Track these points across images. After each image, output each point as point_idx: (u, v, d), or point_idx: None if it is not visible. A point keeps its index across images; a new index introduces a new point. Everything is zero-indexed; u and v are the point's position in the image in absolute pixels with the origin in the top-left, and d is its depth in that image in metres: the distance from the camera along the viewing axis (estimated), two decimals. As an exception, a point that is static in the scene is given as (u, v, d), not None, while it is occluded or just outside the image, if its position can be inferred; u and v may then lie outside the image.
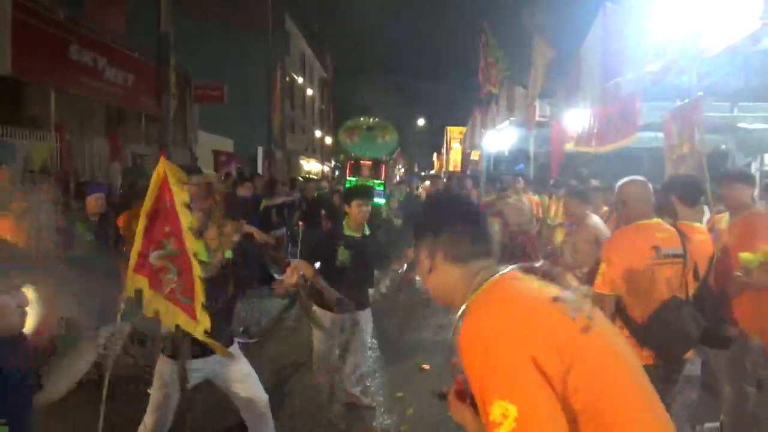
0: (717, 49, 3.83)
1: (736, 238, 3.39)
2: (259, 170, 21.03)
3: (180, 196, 2.52)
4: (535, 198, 8.17)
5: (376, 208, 7.81)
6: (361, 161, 9.83)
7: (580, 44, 6.71)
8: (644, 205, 3.00)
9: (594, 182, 7.55)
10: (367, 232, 4.49)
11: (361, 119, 10.96)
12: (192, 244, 2.48)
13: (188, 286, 2.49)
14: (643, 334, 2.78)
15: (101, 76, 10.86)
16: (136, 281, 2.69)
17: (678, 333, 2.72)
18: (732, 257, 3.30)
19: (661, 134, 4.95)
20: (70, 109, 10.54)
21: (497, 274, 1.32)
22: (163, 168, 2.63)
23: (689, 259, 2.91)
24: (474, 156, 17.75)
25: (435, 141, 38.09)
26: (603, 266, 2.94)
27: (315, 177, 30.40)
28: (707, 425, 3.69)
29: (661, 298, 2.80)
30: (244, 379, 3.24)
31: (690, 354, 2.93)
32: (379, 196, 8.56)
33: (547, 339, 1.14)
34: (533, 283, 1.33)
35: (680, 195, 3.34)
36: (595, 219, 4.85)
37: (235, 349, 3.32)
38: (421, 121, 58.97)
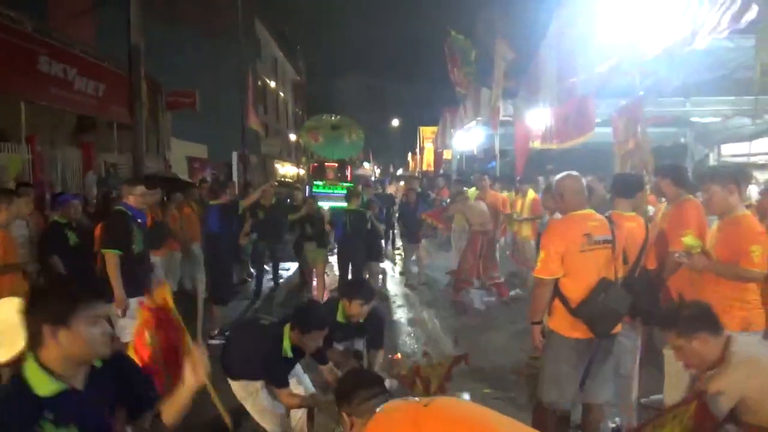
0: (655, 51, 4.15)
1: (669, 223, 3.71)
2: (234, 175, 21.08)
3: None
4: (502, 195, 8.45)
5: (361, 215, 7.74)
6: (326, 163, 9.26)
7: (539, 46, 7.03)
8: (578, 197, 3.27)
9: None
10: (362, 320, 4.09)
11: (324, 117, 9.97)
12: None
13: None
14: (577, 311, 3.11)
15: (72, 86, 10.86)
16: None
17: (607, 310, 3.06)
18: (667, 241, 3.63)
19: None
20: (41, 119, 10.53)
21: None
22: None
23: (618, 245, 3.23)
24: (446, 155, 18.11)
25: (409, 141, 38.37)
26: (542, 254, 3.24)
27: (290, 180, 30.46)
28: (652, 397, 4.00)
29: (592, 280, 3.11)
30: None
31: (619, 327, 3.24)
32: (344, 199, 8.39)
33: None
34: None
35: (617, 189, 3.71)
36: None
37: None
38: (395, 122, 59.35)
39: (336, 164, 8.87)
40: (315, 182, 8.79)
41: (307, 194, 9.04)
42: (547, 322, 3.32)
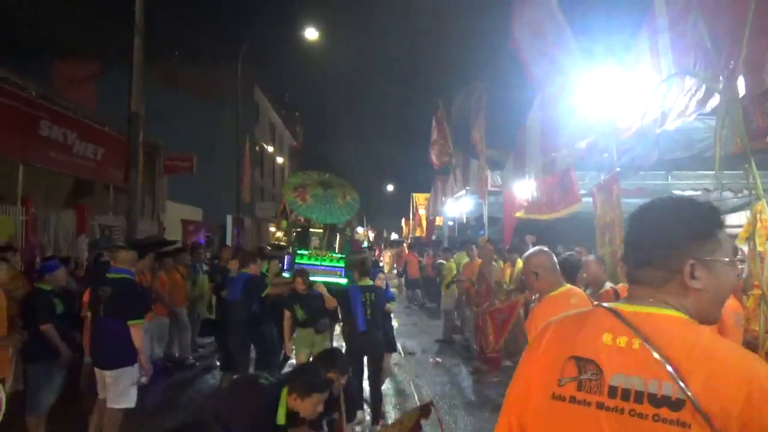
0: (630, 131, 4.35)
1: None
2: (228, 238, 21.14)
3: None
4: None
5: (380, 293, 6.34)
6: (310, 228, 7.50)
7: (525, 119, 7.32)
8: (554, 274, 3.19)
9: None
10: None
11: (313, 173, 7.60)
12: None
13: None
14: None
15: (71, 150, 11.08)
16: None
17: None
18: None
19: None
20: (37, 181, 10.68)
21: None
22: None
23: None
24: (438, 222, 18.32)
25: (403, 206, 38.78)
26: (529, 338, 3.11)
27: (284, 244, 30.45)
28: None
29: None
30: None
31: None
32: (337, 274, 7.14)
33: None
34: None
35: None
36: None
37: None
38: (389, 187, 60.23)
39: (323, 230, 6.91)
40: (298, 251, 7.01)
41: (286, 265, 7.38)
42: None
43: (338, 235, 7.45)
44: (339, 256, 7.17)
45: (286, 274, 7.11)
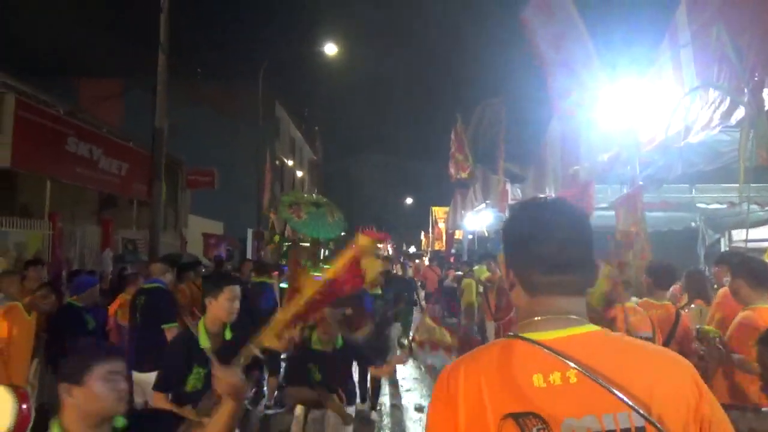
0: (652, 144, 4.31)
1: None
2: (249, 252, 21.32)
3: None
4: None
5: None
6: (301, 243, 7.90)
7: (546, 132, 7.29)
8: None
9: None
10: (340, 344, 4.15)
11: (302, 193, 8.52)
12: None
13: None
14: None
15: (96, 165, 11.33)
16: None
17: None
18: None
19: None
20: (64, 196, 10.92)
21: None
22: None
23: (657, 340, 3.14)
24: (458, 235, 18.24)
25: (422, 220, 38.74)
26: None
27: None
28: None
29: None
30: None
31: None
32: None
33: None
34: None
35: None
36: None
37: None
38: (409, 200, 60.23)
39: (310, 243, 7.56)
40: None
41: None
42: None
43: (321, 248, 8.31)
44: (328, 267, 7.73)
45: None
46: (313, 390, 3.92)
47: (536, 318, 1.18)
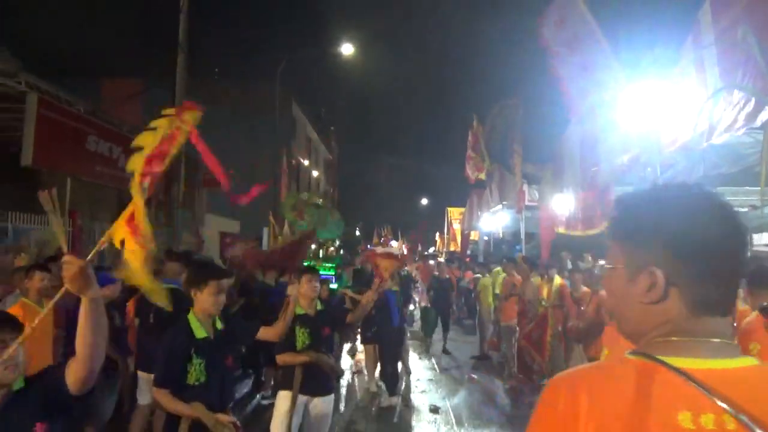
0: (674, 145, 4.25)
1: None
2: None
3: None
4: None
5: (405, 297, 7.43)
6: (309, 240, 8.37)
7: (564, 132, 7.22)
8: None
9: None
10: (320, 308, 4.44)
11: (300, 194, 9.06)
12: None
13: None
14: None
15: (116, 163, 11.44)
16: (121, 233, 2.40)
17: None
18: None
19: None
20: (84, 194, 11.06)
21: None
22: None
23: None
24: (473, 237, 18.18)
25: (437, 220, 38.64)
26: (605, 351, 3.01)
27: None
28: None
29: None
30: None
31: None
32: (329, 282, 8.14)
33: None
34: None
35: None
36: None
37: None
38: (424, 201, 60.14)
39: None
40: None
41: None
42: None
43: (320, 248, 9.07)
44: (330, 264, 8.55)
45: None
46: (303, 353, 4.18)
47: (676, 338, 0.97)
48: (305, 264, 7.58)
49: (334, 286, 7.94)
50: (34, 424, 1.97)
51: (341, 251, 19.56)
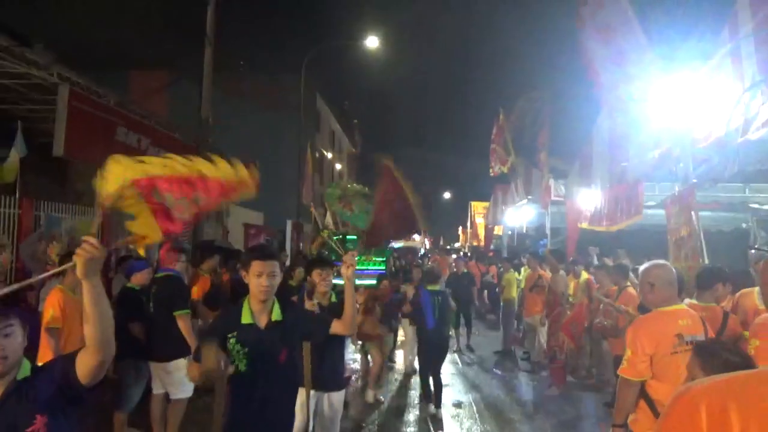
0: (708, 140, 4.15)
1: None
2: (288, 243, 21.58)
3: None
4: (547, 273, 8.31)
5: (446, 298, 6.81)
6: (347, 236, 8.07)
7: (592, 128, 7.12)
8: (670, 289, 3.01)
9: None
10: (334, 300, 4.32)
11: (351, 185, 8.76)
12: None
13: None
14: None
15: (144, 154, 11.59)
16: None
17: None
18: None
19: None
20: (113, 185, 11.25)
21: None
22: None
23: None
24: (497, 231, 18.05)
25: (461, 214, 38.49)
26: (628, 352, 2.97)
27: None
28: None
29: (684, 383, 2.68)
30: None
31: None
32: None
33: None
34: None
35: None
36: None
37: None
38: (447, 195, 59.85)
39: (356, 236, 7.70)
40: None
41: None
42: (631, 425, 2.99)
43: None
44: (380, 259, 8.02)
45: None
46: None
47: None
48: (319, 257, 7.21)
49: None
50: (34, 415, 1.92)
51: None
